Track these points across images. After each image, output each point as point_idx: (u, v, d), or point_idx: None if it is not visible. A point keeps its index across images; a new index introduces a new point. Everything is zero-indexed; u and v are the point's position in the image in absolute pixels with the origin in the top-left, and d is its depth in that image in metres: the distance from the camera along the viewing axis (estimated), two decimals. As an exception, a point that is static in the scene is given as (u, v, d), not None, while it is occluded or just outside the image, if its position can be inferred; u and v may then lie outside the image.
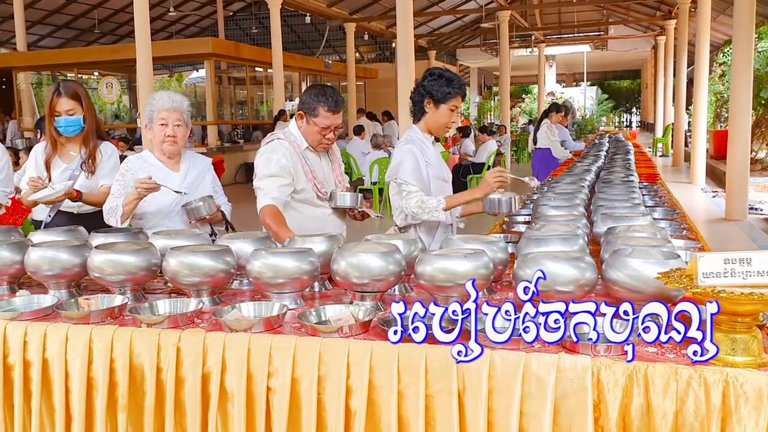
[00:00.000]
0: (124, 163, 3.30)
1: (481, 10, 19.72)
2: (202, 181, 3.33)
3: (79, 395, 2.12)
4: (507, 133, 17.68)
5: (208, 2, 21.99)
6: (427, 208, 3.17)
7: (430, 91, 3.25)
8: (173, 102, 3.19)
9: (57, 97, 3.42)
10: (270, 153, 3.20)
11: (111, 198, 3.21)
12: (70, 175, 3.48)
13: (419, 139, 3.33)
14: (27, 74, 18.11)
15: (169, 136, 3.18)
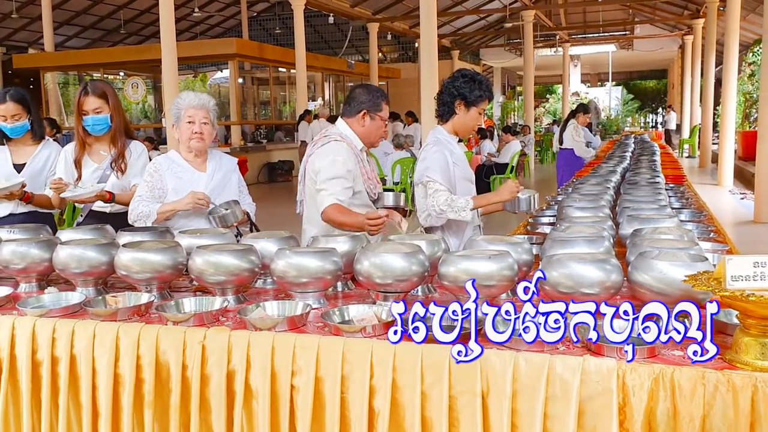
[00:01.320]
0: (151, 164, 3.31)
1: (505, 9, 19.63)
2: (228, 182, 3.34)
3: (106, 391, 2.14)
4: (531, 133, 17.59)
5: (233, 3, 22.14)
6: (455, 206, 3.14)
7: (463, 93, 3.24)
8: (200, 100, 3.22)
9: (84, 96, 3.43)
10: (335, 155, 3.19)
11: (138, 199, 3.21)
12: (101, 175, 3.48)
13: (446, 140, 3.32)
14: (54, 74, 18.37)
15: (196, 132, 3.19)
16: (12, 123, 3.51)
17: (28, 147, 3.64)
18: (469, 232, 3.34)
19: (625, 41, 28.62)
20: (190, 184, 3.20)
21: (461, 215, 3.16)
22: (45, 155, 3.67)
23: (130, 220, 3.22)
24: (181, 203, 3.14)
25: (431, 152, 3.27)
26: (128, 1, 20.64)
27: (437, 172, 3.21)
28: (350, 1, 18.70)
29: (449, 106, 3.31)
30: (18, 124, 3.53)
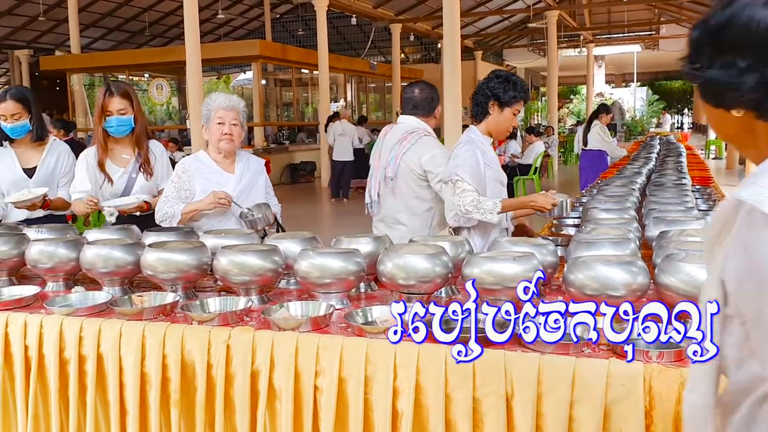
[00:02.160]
0: (180, 165, 3.32)
1: (528, 10, 19.54)
2: (256, 183, 3.34)
3: (133, 390, 2.17)
4: (554, 134, 17.49)
5: (256, 5, 22.26)
6: (482, 208, 3.10)
7: (497, 93, 3.22)
8: (230, 101, 3.23)
9: (109, 97, 3.38)
10: (440, 148, 3.32)
11: (164, 200, 3.22)
12: (128, 179, 3.44)
13: (480, 141, 3.29)
14: (80, 76, 18.60)
15: (225, 134, 3.20)
16: (12, 122, 3.48)
17: (32, 150, 3.61)
18: (495, 234, 3.31)
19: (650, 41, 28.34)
20: (218, 185, 3.20)
21: (487, 217, 3.11)
22: (54, 156, 3.65)
23: (156, 220, 3.23)
24: (202, 203, 3.15)
25: (462, 151, 3.23)
26: (153, 3, 20.83)
27: (466, 172, 3.17)
28: (373, 2, 18.71)
29: (483, 107, 3.28)
30: (18, 123, 3.49)
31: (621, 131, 22.73)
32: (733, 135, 1.14)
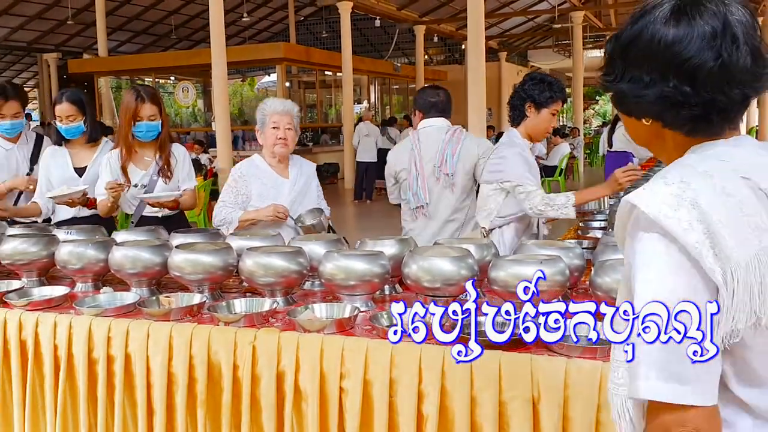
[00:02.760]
0: (236, 170, 3.33)
1: (553, 10, 19.42)
2: (309, 187, 3.36)
3: (160, 390, 2.19)
4: (580, 135, 17.37)
5: (280, 8, 22.38)
6: (555, 204, 3.04)
7: (532, 95, 3.19)
8: (284, 106, 3.26)
9: (140, 103, 3.37)
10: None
11: (221, 205, 3.23)
12: (149, 181, 3.46)
13: (520, 144, 3.25)
14: (107, 79, 18.84)
15: (280, 138, 3.22)
16: (67, 124, 3.52)
17: (85, 150, 3.66)
18: (527, 234, 3.30)
19: (677, 41, 28.06)
20: (274, 189, 3.21)
21: (563, 212, 3.05)
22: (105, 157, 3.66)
23: (214, 224, 3.25)
24: (261, 214, 3.15)
25: (510, 153, 3.19)
26: (179, 7, 21.03)
27: (521, 172, 3.13)
28: (397, 3, 18.72)
29: (519, 110, 3.26)
30: (73, 125, 3.53)
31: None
32: (646, 141, 1.20)
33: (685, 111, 1.07)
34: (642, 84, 1.09)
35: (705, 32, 1.03)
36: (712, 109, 1.07)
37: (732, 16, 1.04)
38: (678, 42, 1.05)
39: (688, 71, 1.04)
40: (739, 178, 1.04)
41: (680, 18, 1.06)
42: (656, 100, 1.08)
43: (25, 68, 26.85)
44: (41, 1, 18.50)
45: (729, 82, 1.04)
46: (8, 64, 26.37)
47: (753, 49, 1.05)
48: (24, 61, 25.75)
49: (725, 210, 1.01)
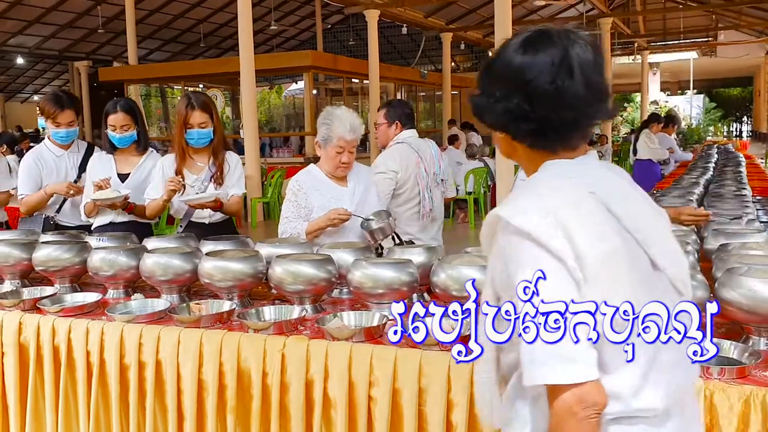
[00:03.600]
0: (294, 182, 3.24)
1: (581, 17, 19.31)
2: (369, 193, 3.29)
3: (190, 396, 2.21)
4: (608, 143, 17.21)
5: (308, 16, 22.53)
6: None
7: None
8: (354, 133, 3.10)
9: (191, 111, 3.36)
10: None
11: (285, 221, 3.18)
12: (199, 186, 3.44)
13: None
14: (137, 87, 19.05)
15: (344, 163, 3.13)
16: (121, 133, 3.53)
17: (132, 157, 3.65)
18: None
19: (707, 48, 27.68)
20: (334, 200, 3.14)
21: None
22: (149, 166, 3.66)
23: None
24: (323, 221, 3.06)
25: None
26: (208, 15, 21.26)
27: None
28: (424, 11, 18.74)
29: None
30: (126, 134, 3.54)
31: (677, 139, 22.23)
32: (507, 153, 1.39)
33: (524, 125, 1.27)
34: (494, 99, 1.29)
35: (545, 61, 1.24)
36: (547, 126, 1.26)
37: (573, 51, 1.24)
38: (522, 67, 1.25)
39: (528, 91, 1.24)
40: (586, 192, 1.23)
41: (527, 48, 1.26)
42: (503, 114, 1.28)
43: (56, 76, 27.33)
44: (72, 10, 18.83)
45: (561, 105, 1.24)
46: (40, 72, 26.87)
47: (587, 81, 1.24)
48: (55, 69, 26.23)
49: (577, 218, 1.19)
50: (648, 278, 1.25)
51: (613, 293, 1.19)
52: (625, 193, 1.29)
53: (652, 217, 1.31)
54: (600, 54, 1.28)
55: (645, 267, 1.25)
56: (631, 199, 1.29)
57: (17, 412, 2.53)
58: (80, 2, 18.42)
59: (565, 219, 1.18)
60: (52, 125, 3.66)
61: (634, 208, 1.27)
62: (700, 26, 24.43)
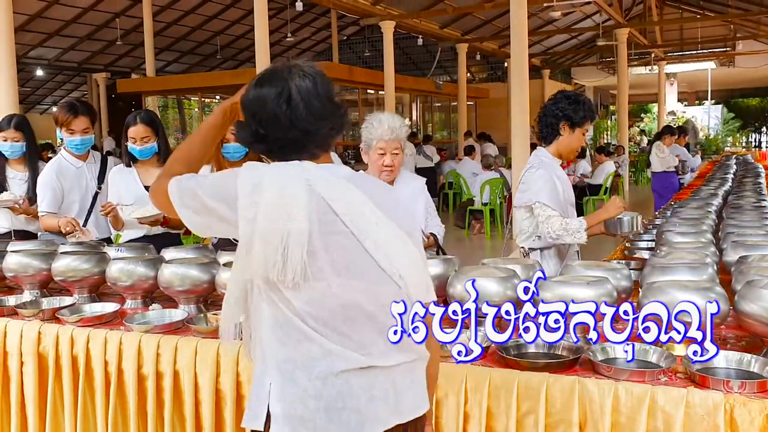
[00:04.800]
0: None
1: (597, 28, 19.27)
2: (416, 204, 3.22)
3: (209, 406, 2.22)
4: (625, 153, 17.13)
5: (323, 27, 22.65)
6: (570, 229, 3.07)
7: (568, 114, 3.19)
8: (392, 133, 3.07)
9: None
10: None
11: None
12: None
13: (550, 163, 3.25)
14: (155, 98, 19.23)
15: (386, 165, 3.09)
16: (141, 145, 3.54)
17: (154, 169, 3.63)
18: (571, 253, 3.27)
19: (725, 58, 27.51)
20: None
21: (577, 237, 3.08)
22: None
23: None
24: None
25: (538, 175, 3.18)
26: (225, 27, 21.43)
27: (546, 195, 3.13)
28: (439, 22, 18.79)
29: (553, 128, 3.25)
30: (147, 146, 3.55)
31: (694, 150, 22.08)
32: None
33: (262, 145, 1.55)
34: (245, 123, 1.57)
35: (271, 93, 1.50)
36: (275, 144, 1.53)
37: (292, 83, 1.50)
38: (256, 98, 1.53)
39: (260, 118, 1.51)
40: (303, 182, 1.46)
41: (259, 83, 1.54)
42: (250, 136, 1.54)
43: (75, 87, 27.63)
44: (91, 23, 19.04)
45: (286, 127, 1.50)
46: (59, 84, 27.17)
47: (307, 105, 1.50)
48: (74, 80, 26.51)
49: (270, 196, 1.43)
50: (357, 260, 1.46)
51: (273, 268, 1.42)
52: (352, 197, 1.48)
53: (376, 222, 1.48)
54: (323, 82, 1.55)
55: (354, 251, 1.45)
56: (357, 203, 1.48)
57: (36, 421, 2.55)
58: (99, 15, 18.63)
59: (265, 194, 1.44)
60: (66, 133, 3.68)
61: (356, 209, 1.47)
62: (717, 36, 24.30)
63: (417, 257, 1.54)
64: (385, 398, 1.45)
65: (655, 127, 26.02)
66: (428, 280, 1.59)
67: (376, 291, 1.46)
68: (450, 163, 14.34)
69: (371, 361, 1.44)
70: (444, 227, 3.35)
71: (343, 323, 1.44)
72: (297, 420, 1.43)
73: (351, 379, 1.42)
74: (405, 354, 1.50)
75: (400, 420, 1.47)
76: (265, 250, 1.40)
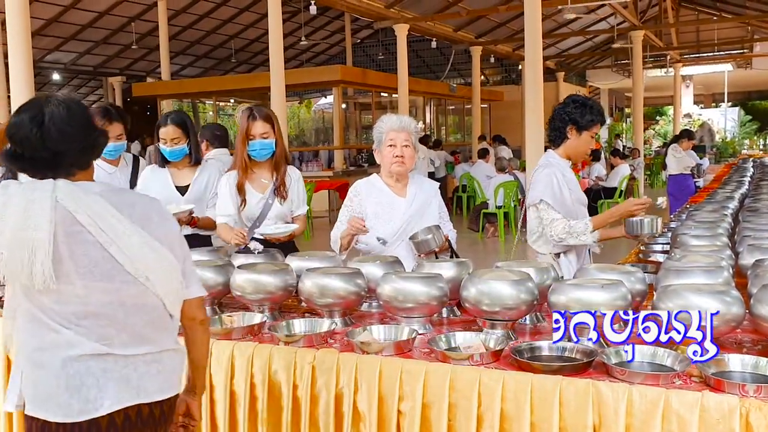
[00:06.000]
0: (352, 188, 3.29)
1: (612, 30, 19.19)
2: (428, 207, 3.24)
3: (223, 407, 2.23)
4: (640, 156, 17.03)
5: (337, 31, 22.70)
6: (574, 232, 3.11)
7: (575, 118, 3.26)
8: (401, 123, 3.16)
9: (252, 121, 3.33)
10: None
11: (338, 225, 3.21)
12: (264, 204, 3.40)
13: (558, 164, 3.31)
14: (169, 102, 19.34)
15: (397, 156, 3.12)
16: (171, 146, 3.55)
17: (185, 170, 3.66)
18: (584, 253, 3.29)
19: (742, 60, 27.29)
20: (390, 208, 3.15)
21: (581, 239, 3.11)
22: (205, 177, 3.68)
23: (331, 243, 3.22)
24: (347, 228, 3.10)
25: (542, 174, 3.26)
26: (239, 31, 21.52)
27: (548, 196, 3.18)
28: (453, 25, 18.77)
29: (561, 132, 3.32)
30: (177, 147, 3.56)
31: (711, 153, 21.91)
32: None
33: (19, 163, 1.67)
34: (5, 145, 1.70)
35: (27, 118, 1.64)
36: (28, 162, 1.67)
37: (47, 109, 1.65)
38: (14, 123, 1.66)
39: (16, 139, 1.65)
40: (50, 197, 1.61)
41: (20, 111, 1.68)
42: (9, 155, 1.68)
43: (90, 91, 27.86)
44: (107, 27, 19.20)
45: (38, 147, 1.64)
46: (75, 88, 27.39)
47: (59, 129, 1.64)
48: (90, 84, 26.73)
49: (16, 210, 1.60)
50: (102, 264, 1.63)
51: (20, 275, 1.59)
52: (101, 209, 1.65)
53: (124, 231, 1.65)
54: (78, 109, 1.70)
55: (99, 257, 1.63)
56: (105, 215, 1.64)
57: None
58: (115, 19, 18.78)
59: (12, 207, 1.60)
60: None
61: (104, 220, 1.63)
62: (734, 38, 24.11)
63: (168, 260, 1.70)
64: (126, 381, 1.65)
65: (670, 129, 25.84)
66: (187, 277, 1.78)
67: (122, 291, 1.65)
68: (464, 166, 14.32)
69: (112, 350, 1.64)
70: (456, 232, 3.36)
71: (85, 318, 1.64)
72: (45, 398, 1.64)
73: (90, 363, 1.62)
74: (151, 346, 1.70)
75: (142, 400, 1.67)
76: (14, 258, 1.58)
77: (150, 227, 1.71)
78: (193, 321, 1.83)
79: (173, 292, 1.71)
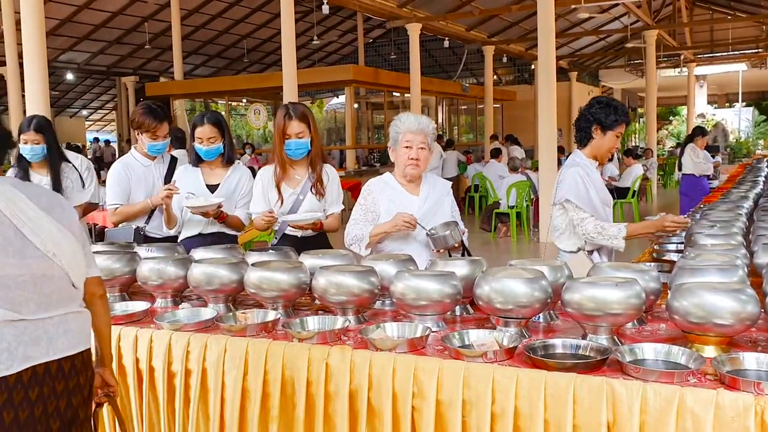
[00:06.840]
0: (366, 186, 3.30)
1: (626, 30, 19.11)
2: (441, 206, 3.25)
3: (233, 405, 2.24)
4: (653, 156, 16.96)
5: (349, 30, 22.73)
6: (606, 234, 3.20)
7: (599, 118, 3.35)
8: (419, 124, 3.16)
9: (288, 120, 3.36)
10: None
11: (352, 223, 3.21)
12: (294, 200, 3.44)
13: (584, 164, 3.40)
14: (182, 101, 19.44)
15: (412, 158, 3.13)
16: (207, 145, 3.57)
17: (218, 169, 3.69)
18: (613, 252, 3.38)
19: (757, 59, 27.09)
20: (402, 206, 3.15)
21: (613, 243, 3.21)
22: (237, 177, 3.70)
23: (345, 243, 3.21)
24: (388, 225, 3.10)
25: (569, 174, 3.35)
26: (251, 31, 21.60)
27: (573, 195, 3.28)
28: (466, 24, 18.75)
29: (586, 132, 3.42)
30: (213, 147, 3.58)
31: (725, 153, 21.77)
32: None
33: None
34: None
35: None
36: None
37: None
38: None
39: None
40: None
41: None
42: None
43: (104, 91, 28.06)
44: (120, 27, 19.32)
45: None
46: (89, 87, 27.60)
47: None
48: (103, 84, 26.92)
49: None
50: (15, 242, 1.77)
51: None
52: (14, 196, 1.80)
53: (34, 216, 1.81)
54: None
55: (12, 236, 1.77)
56: (18, 201, 1.80)
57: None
58: (128, 19, 18.90)
59: None
60: (148, 138, 3.75)
61: (17, 206, 1.79)
62: (749, 37, 23.93)
63: (71, 241, 1.89)
64: (36, 342, 1.79)
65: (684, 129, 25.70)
66: (87, 258, 1.96)
67: (32, 265, 1.80)
68: (476, 166, 14.31)
69: (21, 316, 1.78)
70: (468, 231, 3.36)
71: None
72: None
73: (3, 330, 1.75)
74: (58, 310, 1.85)
75: (51, 357, 1.81)
76: None
77: (54, 214, 1.89)
78: (93, 296, 2.02)
79: (76, 266, 1.90)
